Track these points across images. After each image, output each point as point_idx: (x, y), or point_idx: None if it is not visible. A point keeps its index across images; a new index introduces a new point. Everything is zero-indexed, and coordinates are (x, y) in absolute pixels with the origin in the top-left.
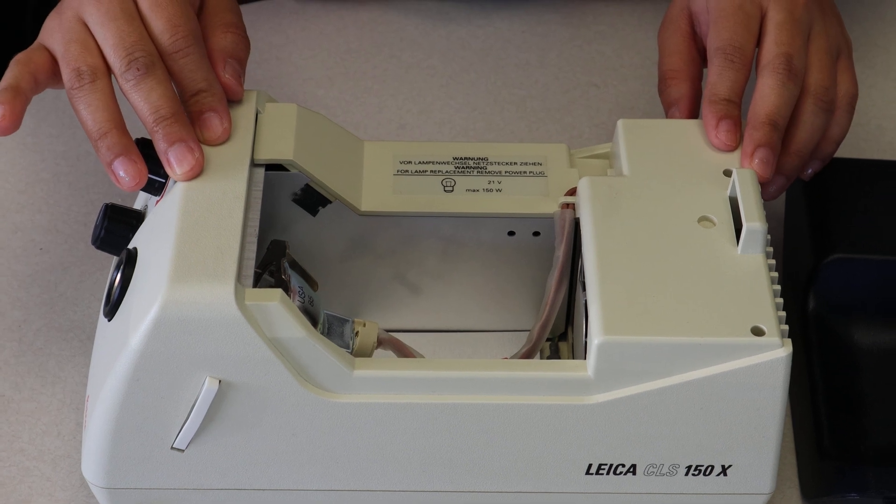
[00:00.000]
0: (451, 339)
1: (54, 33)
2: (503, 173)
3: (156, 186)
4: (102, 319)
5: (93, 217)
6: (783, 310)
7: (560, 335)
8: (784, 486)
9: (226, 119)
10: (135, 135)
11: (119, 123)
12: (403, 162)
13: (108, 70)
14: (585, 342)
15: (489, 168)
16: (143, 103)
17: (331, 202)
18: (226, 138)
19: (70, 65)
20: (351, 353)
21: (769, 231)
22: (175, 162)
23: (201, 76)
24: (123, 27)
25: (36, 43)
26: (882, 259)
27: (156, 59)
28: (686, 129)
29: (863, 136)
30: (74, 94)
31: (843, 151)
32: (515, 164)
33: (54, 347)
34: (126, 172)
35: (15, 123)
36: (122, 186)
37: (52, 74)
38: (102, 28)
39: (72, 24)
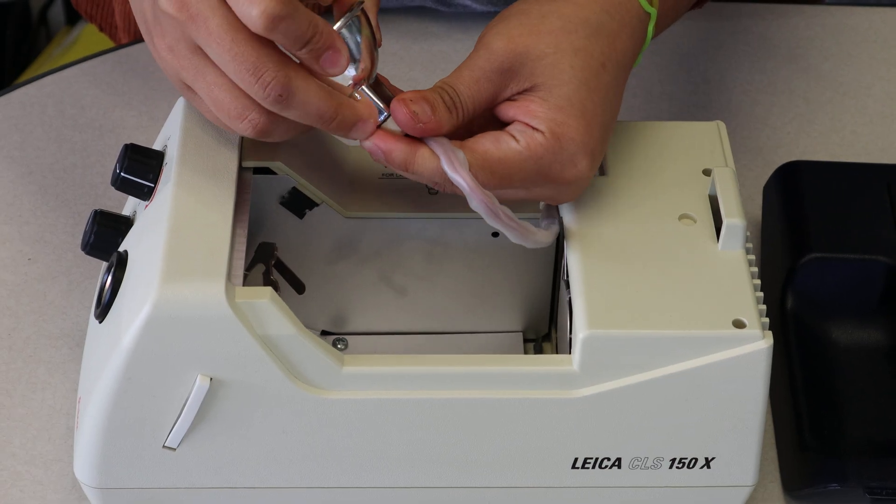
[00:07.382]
0: (437, 341)
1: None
2: None
3: (144, 191)
4: (93, 322)
5: (79, 228)
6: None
7: (544, 336)
8: (765, 480)
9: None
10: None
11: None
12: None
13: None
14: (570, 339)
15: None
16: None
17: (317, 205)
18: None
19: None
20: None
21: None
22: (360, 137)
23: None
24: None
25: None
26: (857, 258)
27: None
28: (665, 130)
29: (837, 142)
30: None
31: (819, 155)
32: None
33: (44, 354)
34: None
35: None
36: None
37: None
38: None
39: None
